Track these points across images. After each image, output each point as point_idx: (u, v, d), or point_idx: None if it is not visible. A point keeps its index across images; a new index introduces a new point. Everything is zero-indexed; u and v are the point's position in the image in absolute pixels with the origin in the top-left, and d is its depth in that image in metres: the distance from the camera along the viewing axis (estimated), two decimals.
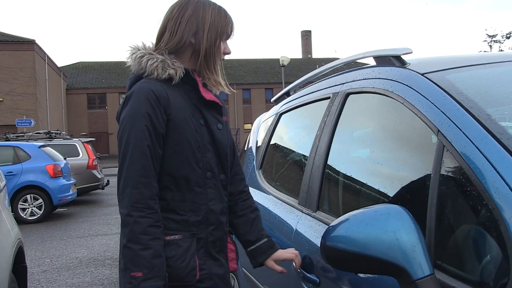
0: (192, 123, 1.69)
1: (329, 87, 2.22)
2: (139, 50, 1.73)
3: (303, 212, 2.06)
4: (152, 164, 1.61)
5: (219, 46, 1.76)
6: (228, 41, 1.81)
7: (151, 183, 1.60)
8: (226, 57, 1.83)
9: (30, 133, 15.49)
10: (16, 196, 10.14)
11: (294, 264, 1.83)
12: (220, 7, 1.77)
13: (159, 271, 1.55)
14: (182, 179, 1.67)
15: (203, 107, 1.75)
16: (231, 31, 1.79)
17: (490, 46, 36.35)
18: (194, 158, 1.69)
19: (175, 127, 1.65)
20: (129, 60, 1.74)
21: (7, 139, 13.69)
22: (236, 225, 1.92)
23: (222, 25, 1.74)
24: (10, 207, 4.01)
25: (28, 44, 31.76)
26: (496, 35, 37.02)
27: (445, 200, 1.29)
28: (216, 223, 1.74)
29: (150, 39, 1.79)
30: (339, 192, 1.98)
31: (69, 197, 10.88)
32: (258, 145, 3.13)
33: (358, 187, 1.85)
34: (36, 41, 32.11)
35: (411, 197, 1.52)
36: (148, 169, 1.60)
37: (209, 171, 1.73)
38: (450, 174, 1.29)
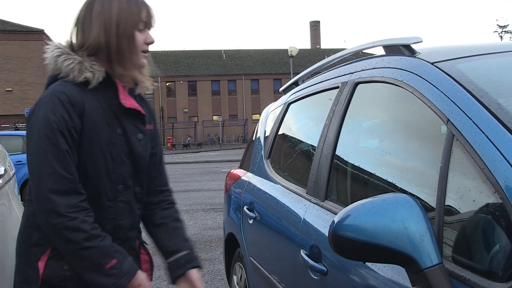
0: (107, 133, 1.58)
1: (338, 76, 2.21)
2: (58, 48, 1.59)
3: (311, 202, 2.05)
4: (74, 169, 1.52)
5: (134, 38, 1.60)
6: (151, 30, 1.66)
7: (79, 187, 1.53)
8: (234, 47, 1.82)
9: None
10: (25, 185, 10.20)
11: None
12: None
13: (122, 249, 1.57)
14: (91, 191, 1.57)
15: (123, 115, 1.62)
16: (149, 18, 1.63)
17: (501, 36, 36.02)
18: (106, 170, 1.59)
19: (87, 136, 1.54)
20: (47, 58, 1.60)
21: (17, 129, 13.78)
22: (154, 235, 1.82)
23: (134, 14, 1.59)
24: (19, 196, 4.04)
25: (37, 34, 31.86)
26: (507, 25, 36.65)
27: (454, 190, 1.29)
28: (123, 238, 1.66)
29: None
30: (347, 182, 1.97)
31: None
32: (266, 135, 3.12)
33: (366, 177, 1.85)
34: (45, 31, 32.19)
35: (420, 187, 1.51)
36: (72, 174, 1.51)
37: (122, 184, 1.63)
38: (459, 164, 1.28)
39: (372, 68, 1.89)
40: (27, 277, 1.59)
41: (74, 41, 1.61)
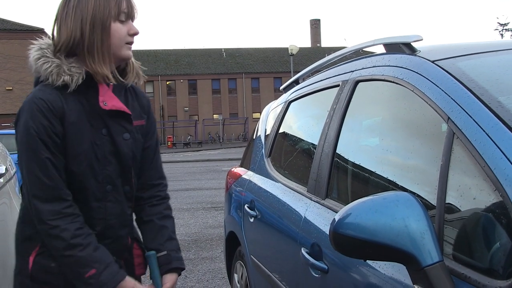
0: (91, 135, 1.57)
1: (339, 74, 2.21)
2: (40, 49, 1.57)
3: (312, 200, 2.06)
4: (58, 175, 1.52)
5: (111, 29, 1.55)
6: (134, 22, 1.63)
7: (62, 193, 1.53)
8: (235, 45, 1.80)
9: None
10: None
11: None
12: None
13: (106, 258, 1.56)
14: (78, 194, 1.57)
15: (107, 115, 1.59)
16: (130, 8, 1.60)
17: (502, 34, 35.98)
18: (91, 171, 1.58)
19: (70, 140, 1.53)
20: (29, 59, 1.58)
21: None
22: (141, 232, 1.81)
23: (112, 6, 1.54)
24: (20, 195, 4.05)
25: (37, 33, 31.83)
26: (508, 23, 36.61)
27: (454, 188, 1.29)
28: (114, 237, 1.66)
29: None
30: (348, 180, 1.97)
31: None
32: (267, 134, 3.12)
33: (367, 175, 1.85)
34: (45, 30, 32.18)
35: (420, 185, 1.51)
36: (55, 181, 1.51)
37: (110, 184, 1.62)
38: (460, 162, 1.29)
39: (373, 66, 1.89)
40: (20, 270, 1.63)
41: (55, 39, 1.58)
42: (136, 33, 1.62)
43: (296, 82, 3.01)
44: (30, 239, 1.61)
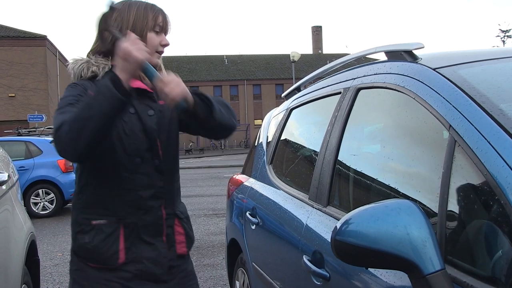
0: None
1: (340, 82, 2.21)
2: (74, 60, 1.82)
3: (313, 207, 2.06)
4: None
5: (147, 38, 1.77)
6: (167, 35, 1.85)
7: None
8: (236, 52, 1.89)
9: (42, 128, 15.60)
10: (28, 191, 10.21)
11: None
12: (147, 3, 1.83)
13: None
14: (109, 166, 1.74)
15: (133, 96, 1.75)
16: (165, 23, 1.83)
17: (503, 41, 36.01)
18: (121, 144, 1.73)
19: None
20: (70, 75, 1.82)
21: (19, 134, 13.79)
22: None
23: (149, 19, 1.79)
24: (22, 201, 4.05)
25: (40, 40, 31.98)
26: (510, 30, 36.63)
27: (456, 196, 1.29)
28: (145, 208, 1.78)
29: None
30: (350, 188, 1.97)
31: None
32: (268, 141, 3.13)
33: (368, 182, 1.85)
34: (48, 37, 32.32)
35: (422, 192, 1.51)
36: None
37: (138, 157, 1.76)
38: (461, 169, 1.29)
39: (374, 74, 1.90)
40: (71, 249, 1.83)
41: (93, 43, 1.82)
42: (167, 45, 1.83)
43: (298, 89, 3.02)
44: (76, 221, 1.80)
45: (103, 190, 1.76)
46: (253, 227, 2.75)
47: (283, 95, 3.29)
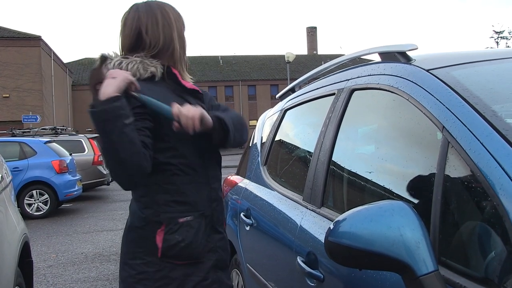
0: None
1: (334, 83, 2.22)
2: (116, 57, 1.83)
3: (307, 208, 2.06)
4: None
5: (184, 39, 1.92)
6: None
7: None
8: (231, 53, 1.97)
9: (36, 129, 15.55)
10: (22, 192, 10.19)
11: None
12: (169, 4, 1.92)
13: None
14: (186, 163, 1.79)
15: (187, 96, 1.86)
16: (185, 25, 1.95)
17: (497, 42, 36.20)
18: (192, 143, 1.79)
19: (169, 121, 1.72)
20: (108, 67, 1.79)
21: (14, 135, 13.75)
22: None
23: (182, 20, 1.92)
24: (16, 203, 4.03)
25: (34, 40, 31.84)
26: (503, 31, 36.85)
27: (449, 197, 1.29)
28: (218, 198, 1.88)
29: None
30: (344, 189, 1.98)
31: (75, 192, 10.92)
32: (263, 142, 3.13)
33: (362, 183, 1.85)
34: (42, 37, 32.19)
35: (415, 193, 1.51)
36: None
37: (201, 153, 1.84)
38: (455, 170, 1.29)
39: (368, 75, 1.90)
40: (150, 251, 1.77)
41: (122, 49, 1.88)
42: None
43: (292, 90, 3.02)
44: (150, 222, 1.78)
45: (185, 187, 1.79)
46: (248, 228, 2.75)
47: (277, 96, 3.29)
